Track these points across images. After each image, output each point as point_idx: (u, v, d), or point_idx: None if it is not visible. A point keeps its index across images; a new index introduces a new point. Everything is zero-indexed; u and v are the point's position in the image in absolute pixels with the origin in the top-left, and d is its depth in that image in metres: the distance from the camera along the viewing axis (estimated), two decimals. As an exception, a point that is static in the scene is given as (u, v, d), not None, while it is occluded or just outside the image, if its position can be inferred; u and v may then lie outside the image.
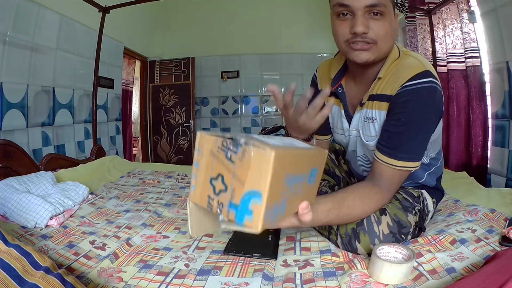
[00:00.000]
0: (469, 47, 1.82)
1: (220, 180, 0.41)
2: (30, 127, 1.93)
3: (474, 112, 1.82)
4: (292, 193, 0.45)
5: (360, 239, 0.77)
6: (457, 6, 1.88)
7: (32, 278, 0.50)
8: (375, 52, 0.75)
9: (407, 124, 0.74)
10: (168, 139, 3.97)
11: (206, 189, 0.42)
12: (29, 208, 0.98)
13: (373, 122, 0.82)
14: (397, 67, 0.78)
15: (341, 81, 0.89)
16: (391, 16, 0.74)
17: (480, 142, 1.80)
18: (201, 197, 0.43)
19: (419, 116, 0.74)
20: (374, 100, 0.81)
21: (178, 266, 0.74)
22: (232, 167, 0.39)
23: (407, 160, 0.75)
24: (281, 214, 0.44)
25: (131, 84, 3.54)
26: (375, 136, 0.83)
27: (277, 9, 4.02)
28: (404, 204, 0.83)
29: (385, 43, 0.75)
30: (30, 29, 1.89)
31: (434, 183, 0.96)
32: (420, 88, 0.73)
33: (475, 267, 0.66)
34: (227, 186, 0.40)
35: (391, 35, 0.75)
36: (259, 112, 4.17)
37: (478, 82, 1.81)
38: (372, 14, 0.71)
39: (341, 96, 0.89)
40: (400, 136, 0.75)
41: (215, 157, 0.41)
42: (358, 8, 0.70)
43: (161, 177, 1.76)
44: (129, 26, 3.22)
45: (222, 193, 0.40)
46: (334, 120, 0.98)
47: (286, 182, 0.42)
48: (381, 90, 0.80)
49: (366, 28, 0.71)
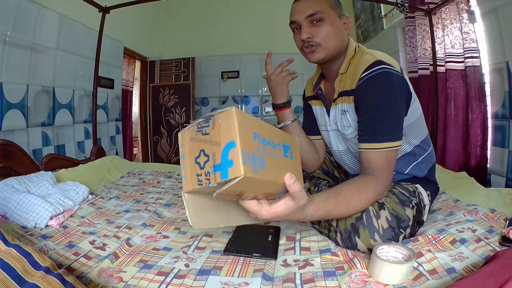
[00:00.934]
0: (469, 47, 1.82)
1: (202, 154, 0.46)
2: (30, 127, 1.93)
3: (474, 112, 1.82)
4: (268, 155, 0.50)
5: (360, 233, 0.78)
6: (457, 6, 1.88)
7: (32, 278, 0.50)
8: (322, 51, 0.90)
9: (373, 109, 0.82)
10: (168, 139, 3.96)
11: (194, 170, 0.47)
12: (29, 208, 0.98)
13: (345, 114, 0.93)
14: (355, 64, 0.89)
15: (320, 85, 1.05)
16: (332, 19, 0.89)
17: (479, 142, 1.80)
18: (191, 180, 0.47)
19: (380, 99, 0.81)
20: (343, 96, 0.93)
21: (178, 266, 0.74)
22: (208, 138, 0.46)
23: (386, 141, 0.81)
24: (263, 169, 0.47)
25: (131, 84, 3.54)
26: (347, 126, 0.93)
27: (277, 9, 4.02)
28: (401, 198, 0.85)
29: (329, 43, 0.89)
30: (30, 29, 1.89)
31: (424, 174, 0.99)
32: (373, 75, 0.82)
33: (475, 267, 0.66)
34: (208, 155, 0.45)
35: (334, 35, 0.89)
36: (259, 112, 4.17)
37: (477, 82, 1.80)
38: (314, 22, 0.89)
39: (321, 97, 1.04)
40: (372, 121, 0.82)
41: (194, 140, 0.47)
42: (302, 20, 0.89)
43: (161, 177, 1.76)
44: (129, 26, 3.22)
45: (206, 163, 0.45)
46: (319, 120, 1.10)
47: (256, 139, 0.48)
48: (346, 86, 0.91)
49: (309, 34, 0.89)
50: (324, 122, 1.06)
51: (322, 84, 1.04)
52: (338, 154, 1.08)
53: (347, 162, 1.07)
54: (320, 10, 0.87)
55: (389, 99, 0.81)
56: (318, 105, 1.09)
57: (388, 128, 0.81)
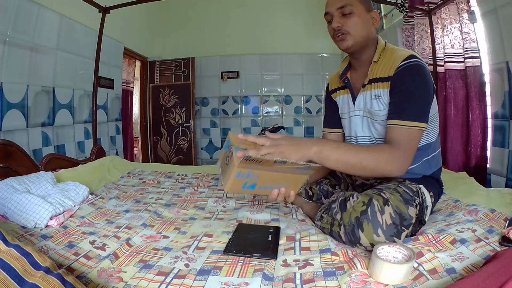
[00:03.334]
0: (469, 47, 1.81)
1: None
2: (30, 127, 1.93)
3: (474, 112, 1.82)
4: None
5: (364, 228, 0.79)
6: (457, 6, 1.88)
7: (32, 278, 0.50)
8: (350, 39, 1.00)
9: (406, 92, 0.92)
10: (168, 139, 3.97)
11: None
12: (29, 208, 0.98)
13: (379, 98, 1.01)
14: (389, 56, 1.00)
15: (347, 74, 1.12)
16: (360, 12, 0.99)
17: (479, 142, 1.80)
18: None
19: (414, 85, 0.92)
20: (376, 82, 1.01)
21: (178, 266, 0.74)
22: (229, 157, 0.80)
23: (412, 119, 0.89)
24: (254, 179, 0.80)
25: (131, 84, 3.54)
26: (380, 110, 1.01)
27: (277, 9, 4.02)
28: (405, 197, 0.86)
29: (356, 31, 0.99)
30: (30, 29, 1.89)
31: (432, 172, 1.04)
32: (411, 65, 0.93)
33: (475, 267, 0.66)
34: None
35: (361, 26, 1.00)
36: (259, 112, 4.17)
37: (477, 82, 1.80)
38: (345, 14, 0.99)
39: (348, 84, 1.12)
40: (403, 102, 0.92)
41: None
42: (333, 11, 1.01)
43: (161, 177, 1.76)
44: (129, 26, 3.23)
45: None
46: (342, 108, 1.17)
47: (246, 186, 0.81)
48: (379, 74, 1.00)
49: (339, 23, 1.00)
50: (347, 109, 1.14)
51: (348, 74, 1.12)
52: (354, 141, 1.13)
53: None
54: (349, 3, 0.98)
55: (422, 85, 0.92)
56: (343, 94, 1.16)
57: (416, 108, 0.90)
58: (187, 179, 1.75)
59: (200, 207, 1.25)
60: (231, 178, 0.76)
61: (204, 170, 1.96)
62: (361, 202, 0.83)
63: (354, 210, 0.82)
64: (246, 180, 0.77)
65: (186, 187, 1.57)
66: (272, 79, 4.10)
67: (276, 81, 4.10)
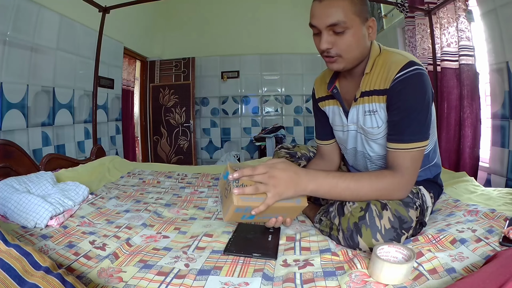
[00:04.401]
0: (463, 45, 1.81)
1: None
2: (30, 127, 1.93)
3: (466, 111, 1.83)
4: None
5: (362, 233, 0.78)
6: (455, 5, 1.88)
7: (32, 278, 0.50)
8: (342, 62, 0.87)
9: (406, 109, 0.82)
10: (168, 139, 3.97)
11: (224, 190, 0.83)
12: (29, 208, 0.98)
13: (374, 114, 0.90)
14: (383, 64, 0.87)
15: (335, 83, 0.99)
16: (355, 28, 0.82)
17: (472, 141, 1.81)
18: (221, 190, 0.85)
19: (414, 100, 0.82)
20: (369, 95, 0.90)
21: (178, 266, 0.74)
22: (228, 190, 0.79)
23: (414, 141, 0.82)
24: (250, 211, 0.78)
25: (132, 84, 3.54)
26: (376, 127, 0.91)
27: (277, 9, 4.02)
28: (404, 200, 0.84)
29: (349, 54, 0.85)
30: (30, 29, 1.89)
31: (431, 176, 1.01)
32: (408, 76, 0.82)
33: (475, 267, 0.66)
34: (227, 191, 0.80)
35: (356, 46, 0.84)
36: (259, 112, 4.17)
37: (471, 80, 1.80)
38: (336, 32, 0.82)
39: (337, 96, 0.99)
40: (403, 121, 0.83)
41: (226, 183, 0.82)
42: (322, 28, 0.83)
43: (161, 177, 1.76)
44: (129, 26, 3.23)
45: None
46: (333, 119, 1.06)
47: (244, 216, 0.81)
48: (372, 86, 0.89)
49: (329, 44, 0.83)
50: (340, 122, 1.02)
51: (336, 83, 0.99)
52: (353, 152, 1.04)
53: (359, 162, 1.05)
54: (343, 20, 0.80)
55: (422, 100, 0.82)
56: (332, 104, 1.04)
57: (416, 129, 0.82)
58: (187, 179, 1.75)
59: (200, 207, 1.25)
60: (230, 211, 0.77)
61: (204, 170, 1.96)
62: (358, 207, 0.81)
63: (352, 215, 0.81)
64: (244, 213, 0.78)
65: (186, 187, 1.57)
66: (272, 79, 4.10)
67: (276, 81, 4.10)
